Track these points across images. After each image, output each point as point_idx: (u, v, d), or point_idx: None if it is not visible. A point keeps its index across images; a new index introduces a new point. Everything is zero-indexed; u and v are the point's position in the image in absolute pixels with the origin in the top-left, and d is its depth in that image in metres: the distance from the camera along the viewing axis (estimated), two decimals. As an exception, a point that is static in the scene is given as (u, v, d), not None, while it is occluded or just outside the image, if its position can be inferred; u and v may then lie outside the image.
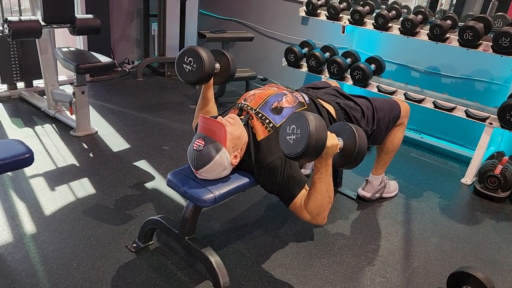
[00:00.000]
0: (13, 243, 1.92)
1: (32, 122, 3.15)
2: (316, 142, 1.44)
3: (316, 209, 1.63)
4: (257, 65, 4.51)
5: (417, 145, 3.31)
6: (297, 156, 1.47)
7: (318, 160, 1.56)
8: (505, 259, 2.10)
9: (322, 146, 1.48)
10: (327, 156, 1.54)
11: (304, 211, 1.65)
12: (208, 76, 1.93)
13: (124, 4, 4.51)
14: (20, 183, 2.37)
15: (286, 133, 1.53)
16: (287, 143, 1.52)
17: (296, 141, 1.48)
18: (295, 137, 1.49)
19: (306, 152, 1.44)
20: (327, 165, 1.57)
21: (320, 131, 1.45)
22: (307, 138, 1.43)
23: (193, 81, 1.93)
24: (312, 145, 1.44)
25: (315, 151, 1.47)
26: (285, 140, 1.53)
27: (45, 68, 3.17)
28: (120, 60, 4.61)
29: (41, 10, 2.84)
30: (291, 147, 1.49)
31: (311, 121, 1.45)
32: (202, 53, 1.87)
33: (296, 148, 1.47)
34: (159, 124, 3.32)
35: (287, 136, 1.52)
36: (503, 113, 2.62)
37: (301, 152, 1.45)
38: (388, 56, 3.47)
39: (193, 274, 1.83)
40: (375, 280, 1.89)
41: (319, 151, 1.48)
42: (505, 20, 3.00)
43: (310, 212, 1.64)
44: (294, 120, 1.51)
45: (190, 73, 1.91)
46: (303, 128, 1.45)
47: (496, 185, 2.58)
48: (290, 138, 1.50)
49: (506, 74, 3.02)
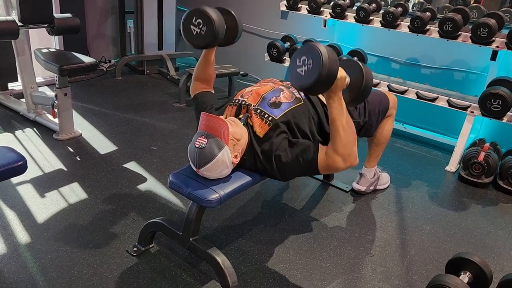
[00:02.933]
0: (8, 254, 1.86)
1: (12, 127, 3.04)
2: (329, 71, 1.44)
3: (347, 148, 1.63)
4: (238, 60, 4.48)
5: (401, 135, 3.39)
6: (310, 86, 1.47)
7: (329, 96, 1.58)
8: (494, 242, 2.19)
9: (335, 75, 1.48)
10: (337, 89, 1.56)
11: (335, 157, 1.63)
12: (218, 39, 1.82)
13: (99, 1, 4.39)
14: (7, 191, 2.29)
15: (296, 65, 1.51)
16: (298, 76, 1.50)
17: (308, 72, 1.47)
18: (306, 68, 1.47)
19: (319, 81, 1.44)
20: (340, 99, 1.60)
21: (333, 59, 1.45)
22: (320, 67, 1.42)
23: (202, 45, 1.83)
24: (325, 73, 1.43)
25: (328, 80, 1.47)
26: (296, 73, 1.51)
27: (23, 70, 3.06)
28: (96, 59, 4.47)
29: (17, 10, 2.73)
30: (303, 79, 1.49)
31: (323, 50, 1.44)
32: (212, 15, 1.76)
33: (308, 79, 1.47)
34: (144, 124, 3.27)
35: (298, 69, 1.50)
36: (484, 102, 2.71)
37: (314, 81, 1.44)
38: (368, 49, 3.53)
39: (198, 275, 1.82)
40: (376, 270, 1.93)
41: (331, 80, 1.48)
42: (480, 11, 3.10)
43: (341, 155, 1.63)
44: (305, 51, 1.49)
45: (199, 37, 1.79)
46: (315, 57, 1.44)
47: (480, 171, 2.67)
48: (301, 70, 1.49)
49: (483, 63, 3.12)
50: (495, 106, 2.68)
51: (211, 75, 2.06)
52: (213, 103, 1.97)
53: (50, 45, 3.86)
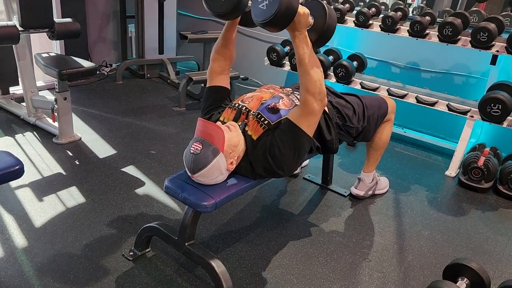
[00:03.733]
0: (4, 258, 1.86)
1: (12, 131, 3.06)
2: (289, 4, 1.49)
3: (316, 86, 1.65)
4: (238, 64, 4.48)
5: (400, 139, 3.38)
6: (271, 19, 1.51)
7: (295, 35, 1.62)
8: (494, 248, 2.17)
9: (295, 7, 1.53)
10: (301, 26, 1.60)
11: (308, 97, 1.65)
12: (241, 8, 1.71)
13: (100, 6, 4.41)
14: (5, 195, 2.30)
15: (257, 2, 1.57)
16: (260, 11, 1.56)
17: (268, 5, 1.52)
18: (267, 1, 1.53)
19: (279, 13, 1.49)
20: (305, 38, 1.63)
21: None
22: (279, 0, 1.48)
23: (222, 12, 1.71)
24: (285, 6, 1.48)
25: (288, 13, 1.52)
26: (258, 9, 1.57)
27: (23, 74, 3.08)
28: (97, 64, 4.50)
29: (18, 15, 2.75)
30: (264, 12, 1.54)
31: None
32: None
33: (269, 11, 1.51)
34: (143, 128, 3.28)
35: (259, 5, 1.56)
36: (483, 106, 2.70)
37: (274, 13, 1.49)
38: (368, 53, 3.53)
39: (193, 280, 1.81)
40: (373, 276, 1.92)
41: (292, 13, 1.53)
42: (480, 15, 3.10)
43: (313, 93, 1.65)
44: None
45: (220, 2, 1.70)
46: None
47: (480, 176, 2.66)
48: (263, 4, 1.54)
49: (484, 67, 3.11)
50: (495, 110, 2.66)
51: (231, 56, 1.96)
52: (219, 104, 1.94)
53: (52, 49, 3.88)
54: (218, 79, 1.97)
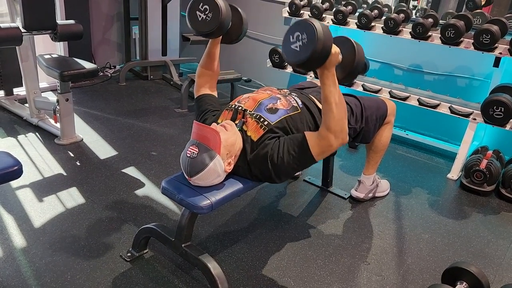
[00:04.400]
0: (2, 258, 1.87)
1: (15, 132, 3.08)
2: (324, 45, 1.45)
3: (339, 125, 1.64)
4: (241, 66, 4.50)
5: (403, 142, 3.36)
6: (305, 62, 1.48)
7: (323, 73, 1.59)
8: (495, 252, 2.15)
9: (329, 49, 1.49)
10: (331, 65, 1.58)
11: (328, 135, 1.64)
12: (223, 28, 1.80)
13: (104, 8, 4.44)
14: (6, 195, 2.31)
15: (290, 42, 1.52)
16: (293, 52, 1.51)
17: (302, 47, 1.48)
18: (301, 43, 1.48)
19: (314, 55, 1.45)
20: (332, 75, 1.61)
21: (327, 34, 1.47)
22: (315, 41, 1.43)
23: (206, 31, 1.80)
24: (321, 47, 1.44)
25: (323, 54, 1.48)
26: (290, 50, 1.52)
27: (26, 75, 3.10)
28: (101, 65, 4.54)
29: (21, 17, 2.77)
30: (298, 54, 1.50)
31: (318, 24, 1.46)
32: (220, 2, 1.76)
33: (303, 53, 1.48)
34: (145, 129, 3.28)
35: (292, 45, 1.51)
36: (486, 109, 2.67)
37: (310, 55, 1.45)
38: (371, 55, 3.52)
39: (190, 281, 1.81)
40: (371, 279, 1.91)
41: (326, 55, 1.49)
42: (483, 17, 3.07)
43: (334, 132, 1.63)
44: (298, 27, 1.50)
45: (204, 22, 1.78)
46: (309, 32, 1.46)
47: (482, 179, 2.63)
48: (296, 45, 1.50)
49: (487, 70, 3.09)
50: (497, 113, 2.64)
51: (215, 71, 2.01)
52: (212, 108, 1.96)
53: (55, 51, 3.91)
54: (206, 90, 2.01)
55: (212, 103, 1.98)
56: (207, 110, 1.93)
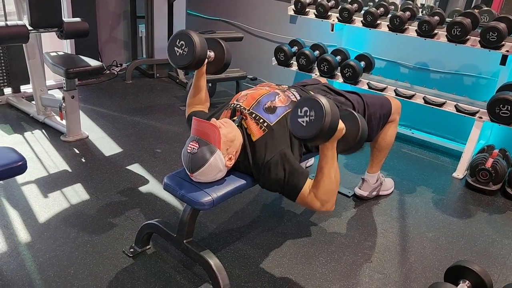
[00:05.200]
0: (7, 252, 1.89)
1: (21, 128, 3.11)
2: (331, 125, 1.48)
3: (326, 195, 1.64)
4: (247, 64, 4.50)
5: (408, 140, 3.34)
6: (310, 139, 1.51)
7: (324, 145, 1.60)
8: (499, 251, 2.13)
9: (335, 129, 1.51)
10: (333, 139, 1.58)
11: (314, 200, 1.65)
12: (199, 61, 1.90)
13: (111, 6, 4.46)
14: (12, 191, 2.34)
15: (297, 115, 1.55)
16: (299, 126, 1.54)
17: (309, 123, 1.51)
18: (308, 119, 1.51)
19: (320, 134, 1.48)
20: (333, 148, 1.62)
21: (334, 113, 1.49)
22: (322, 121, 1.46)
23: (183, 65, 1.89)
24: (327, 128, 1.47)
25: (329, 133, 1.51)
26: (297, 123, 1.55)
27: (33, 73, 3.13)
28: (108, 63, 4.56)
29: (27, 15, 2.80)
30: (304, 130, 1.52)
31: (326, 104, 1.48)
32: (194, 37, 1.84)
33: (310, 131, 1.50)
34: (150, 126, 3.30)
35: (299, 119, 1.54)
36: (492, 107, 2.65)
37: (316, 133, 1.48)
38: (377, 53, 3.50)
39: (192, 277, 1.82)
40: (373, 277, 1.90)
41: (332, 133, 1.52)
42: (491, 15, 3.04)
43: (320, 200, 1.64)
44: (306, 102, 1.53)
45: (181, 57, 1.87)
46: (317, 110, 1.48)
47: (487, 178, 2.61)
48: (303, 120, 1.52)
49: (494, 68, 3.06)
50: (504, 111, 2.61)
51: (204, 100, 2.05)
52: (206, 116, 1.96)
53: (62, 49, 3.94)
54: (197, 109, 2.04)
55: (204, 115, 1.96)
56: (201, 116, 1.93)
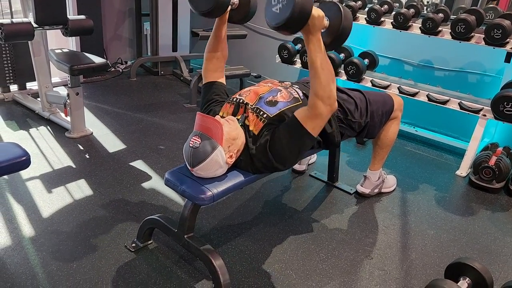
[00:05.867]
0: (11, 246, 1.92)
1: (27, 125, 3.14)
2: (303, 7, 1.46)
3: (326, 91, 1.61)
4: (251, 62, 4.51)
5: (412, 138, 3.33)
6: (285, 23, 1.50)
7: (308, 38, 1.59)
8: (501, 249, 2.12)
9: (309, 10, 1.50)
10: (315, 29, 1.57)
11: (316, 101, 1.62)
12: (222, 6, 1.79)
13: (116, 4, 4.49)
14: (16, 186, 2.37)
15: (271, 5, 1.55)
16: (273, 14, 1.54)
17: (282, 9, 1.50)
18: (281, 5, 1.51)
19: (293, 16, 1.47)
20: (318, 41, 1.59)
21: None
22: (293, 2, 1.45)
23: (204, 10, 1.78)
24: (299, 8, 1.46)
25: (302, 16, 1.49)
26: (271, 12, 1.55)
27: (39, 70, 3.16)
28: (113, 61, 4.59)
29: (33, 12, 2.83)
30: (278, 16, 1.52)
31: None
32: None
33: (283, 15, 1.50)
34: (154, 123, 3.32)
35: (273, 8, 1.54)
36: (496, 105, 2.64)
37: (289, 16, 1.47)
38: (381, 51, 3.49)
39: (192, 272, 1.83)
40: (373, 273, 1.90)
41: (306, 16, 1.50)
42: (496, 12, 3.02)
43: (321, 97, 1.61)
44: None
45: (203, 1, 1.76)
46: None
47: (490, 176, 2.60)
48: (276, 8, 1.53)
49: (499, 65, 3.04)
50: (508, 109, 2.60)
51: (223, 53, 1.99)
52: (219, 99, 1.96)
53: (68, 46, 3.97)
54: (214, 76, 2.01)
55: (219, 93, 1.98)
56: (213, 100, 1.94)
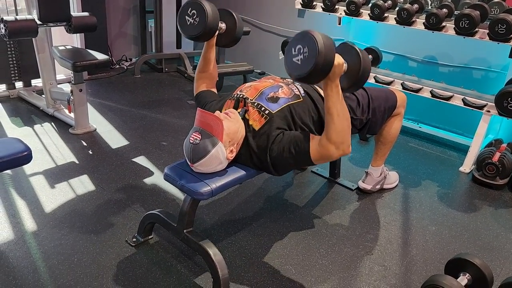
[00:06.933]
0: (14, 240, 1.94)
1: (31, 121, 3.17)
2: (326, 59, 1.43)
3: (339, 136, 1.61)
4: (255, 59, 4.51)
5: (415, 134, 3.32)
6: (307, 75, 1.47)
7: (327, 84, 1.57)
8: (503, 245, 2.11)
9: (331, 63, 1.47)
10: (335, 76, 1.55)
11: (328, 145, 1.62)
12: (210, 32, 1.87)
13: (120, 1, 4.51)
14: (20, 181, 2.39)
15: (292, 55, 1.51)
16: (295, 65, 1.50)
17: (304, 60, 1.46)
18: (302, 56, 1.47)
19: (316, 70, 1.43)
20: (336, 87, 1.58)
21: (329, 47, 1.44)
22: (316, 55, 1.42)
23: (194, 35, 1.86)
24: (322, 62, 1.43)
25: (325, 68, 1.46)
26: (292, 63, 1.51)
27: (43, 67, 3.19)
28: (118, 58, 4.61)
29: (36, 9, 2.85)
30: (299, 68, 1.48)
31: (319, 37, 1.43)
32: (206, 7, 1.81)
33: (304, 68, 1.46)
34: (157, 120, 3.33)
35: (294, 58, 1.50)
36: (500, 101, 2.61)
37: (310, 70, 1.44)
38: (385, 47, 3.47)
39: (192, 267, 1.84)
40: (373, 269, 1.90)
41: (328, 69, 1.47)
42: (501, 7, 2.99)
43: (335, 143, 1.61)
44: (300, 39, 1.48)
45: (192, 27, 1.85)
46: (310, 45, 1.44)
47: (494, 172, 2.58)
48: (297, 59, 1.49)
49: (504, 61, 3.01)
50: (512, 105, 2.57)
51: (212, 74, 2.06)
52: (213, 100, 1.99)
53: (72, 44, 3.99)
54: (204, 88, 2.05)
55: (212, 96, 2.00)
56: (208, 102, 1.96)
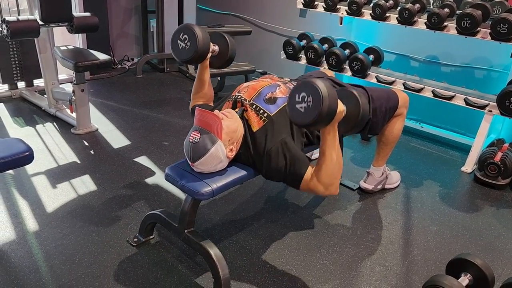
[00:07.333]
0: (16, 240, 1.95)
1: (33, 121, 3.18)
2: (329, 109, 1.46)
3: (329, 179, 1.64)
4: (256, 58, 4.50)
5: (417, 134, 3.31)
6: (310, 124, 1.50)
7: (325, 128, 1.58)
8: (505, 245, 2.10)
9: (334, 112, 1.49)
10: (335, 122, 1.57)
11: (318, 184, 1.64)
12: (201, 55, 1.91)
13: (122, 1, 4.51)
14: (22, 181, 2.40)
15: (295, 101, 1.53)
16: (298, 112, 1.52)
17: (307, 109, 1.49)
18: (306, 105, 1.49)
19: (319, 119, 1.46)
20: (334, 131, 1.60)
21: (332, 97, 1.47)
22: (320, 106, 1.44)
23: (185, 59, 1.91)
24: (325, 112, 1.45)
25: (328, 118, 1.49)
26: (295, 109, 1.53)
27: (45, 67, 3.19)
28: (119, 58, 4.62)
29: (38, 10, 2.86)
30: (302, 116, 1.51)
31: (323, 88, 1.46)
32: (197, 31, 1.85)
33: (308, 116, 1.49)
34: (159, 120, 3.34)
35: (297, 105, 1.52)
36: (502, 100, 2.61)
37: (314, 119, 1.46)
38: (386, 46, 3.46)
39: (193, 267, 1.85)
40: (374, 269, 1.90)
41: (331, 118, 1.50)
42: (503, 7, 2.98)
43: (323, 183, 1.64)
44: (304, 87, 1.51)
45: (183, 51, 1.89)
46: (315, 95, 1.46)
47: (496, 172, 2.57)
48: (301, 106, 1.51)
49: (506, 61, 3.00)
50: (514, 105, 2.57)
51: (208, 94, 2.07)
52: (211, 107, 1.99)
53: (74, 44, 4.00)
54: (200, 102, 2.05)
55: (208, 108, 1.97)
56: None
